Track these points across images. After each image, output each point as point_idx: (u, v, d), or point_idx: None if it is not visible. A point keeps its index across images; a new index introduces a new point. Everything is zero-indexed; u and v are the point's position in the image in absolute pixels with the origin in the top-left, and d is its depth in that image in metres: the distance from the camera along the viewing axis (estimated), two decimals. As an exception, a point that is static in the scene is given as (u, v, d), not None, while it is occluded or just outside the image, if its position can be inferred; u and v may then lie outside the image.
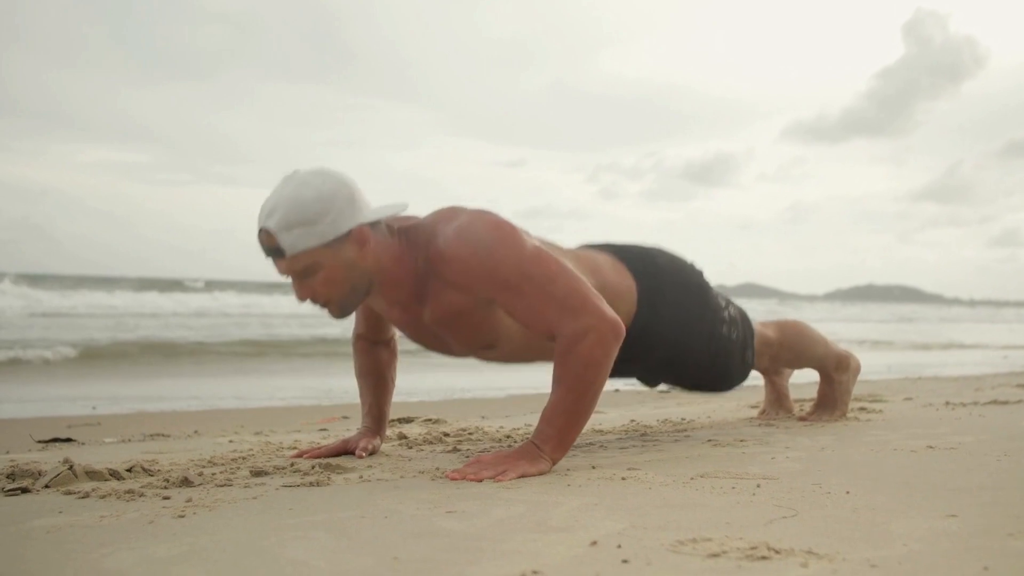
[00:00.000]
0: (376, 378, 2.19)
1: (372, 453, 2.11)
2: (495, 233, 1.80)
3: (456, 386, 5.28)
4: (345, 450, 2.08)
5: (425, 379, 5.51)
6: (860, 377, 2.80)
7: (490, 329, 1.92)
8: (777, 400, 2.86)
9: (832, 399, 2.70)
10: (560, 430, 1.78)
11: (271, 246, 1.76)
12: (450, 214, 1.87)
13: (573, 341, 1.75)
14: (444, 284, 1.84)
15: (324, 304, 1.84)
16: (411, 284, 1.87)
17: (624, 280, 2.12)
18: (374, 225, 1.82)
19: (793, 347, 2.58)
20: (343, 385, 5.09)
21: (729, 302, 2.38)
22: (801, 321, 2.70)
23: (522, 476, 1.71)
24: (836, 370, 2.69)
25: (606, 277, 2.07)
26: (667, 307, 2.16)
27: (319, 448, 2.07)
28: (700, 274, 2.32)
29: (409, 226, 1.88)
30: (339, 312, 1.87)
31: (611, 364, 1.79)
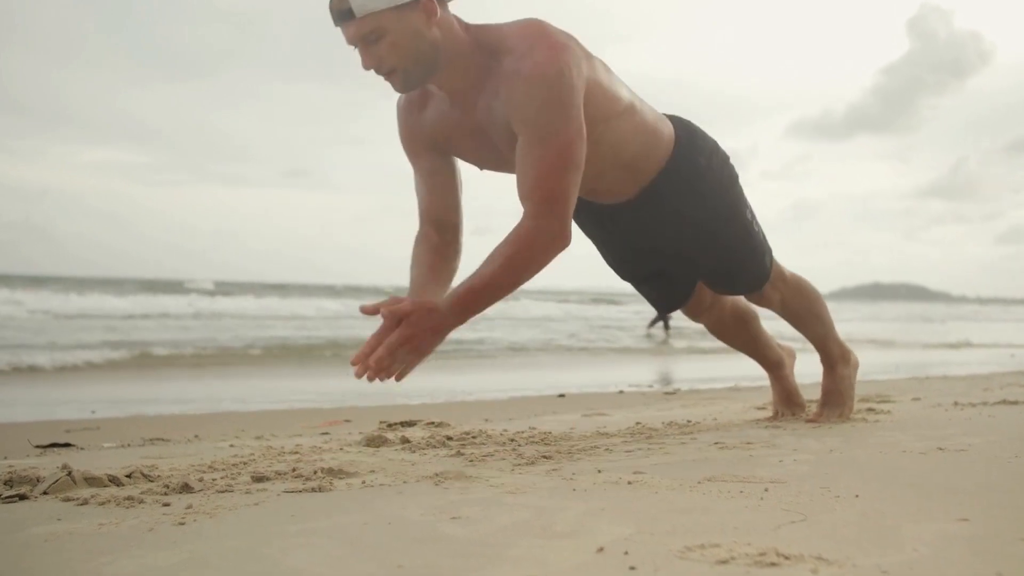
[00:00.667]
0: (433, 272, 2.12)
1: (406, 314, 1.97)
2: (559, 94, 1.86)
3: (459, 389, 5.28)
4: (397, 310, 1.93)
5: (428, 382, 5.51)
6: (868, 377, 2.80)
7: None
8: (786, 398, 2.84)
9: (838, 394, 2.69)
10: (474, 298, 1.89)
11: (342, 8, 1.83)
12: (531, 36, 1.91)
13: (531, 231, 1.89)
14: (496, 94, 1.93)
15: (389, 72, 1.90)
16: (470, 73, 1.95)
17: (665, 125, 2.24)
18: (442, 2, 1.91)
19: (804, 297, 2.61)
20: (345, 388, 5.09)
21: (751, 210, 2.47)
22: None
23: (424, 356, 1.86)
24: (841, 361, 2.69)
25: (651, 116, 2.20)
26: (702, 158, 2.28)
27: (375, 305, 1.93)
28: (728, 158, 2.40)
29: (481, 26, 1.97)
30: (402, 82, 1.93)
31: (541, 269, 1.94)
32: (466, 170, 2.21)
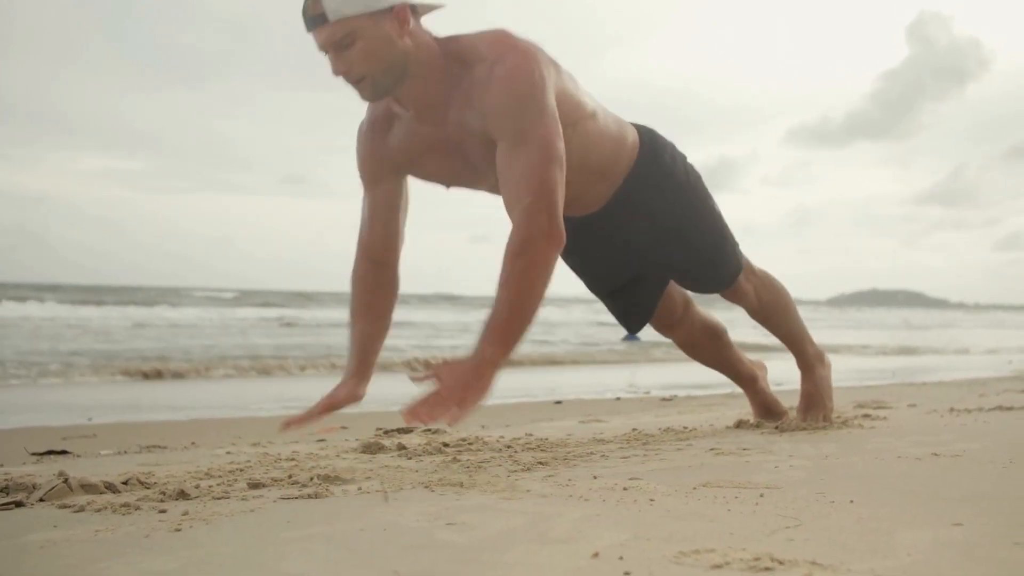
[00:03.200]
0: (373, 313, 2.15)
1: (357, 401, 2.08)
2: (533, 94, 1.88)
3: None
4: (332, 406, 2.04)
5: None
6: (864, 383, 2.81)
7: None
8: (766, 411, 2.82)
9: (818, 396, 2.70)
10: (507, 326, 1.84)
11: (315, 13, 1.83)
12: (499, 45, 1.92)
13: (527, 238, 1.84)
14: (468, 103, 1.93)
15: (358, 80, 1.90)
16: (441, 84, 1.95)
17: (629, 129, 2.27)
18: (414, 12, 1.92)
19: (775, 290, 2.63)
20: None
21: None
22: None
23: (473, 406, 1.78)
24: (817, 363, 2.71)
25: (615, 122, 2.23)
26: (666, 156, 2.31)
27: (304, 414, 2.01)
28: (686, 158, 2.42)
29: (450, 37, 1.97)
30: (371, 91, 1.93)
31: (552, 270, 1.89)
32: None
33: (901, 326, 26.59)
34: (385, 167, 2.11)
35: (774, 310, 2.66)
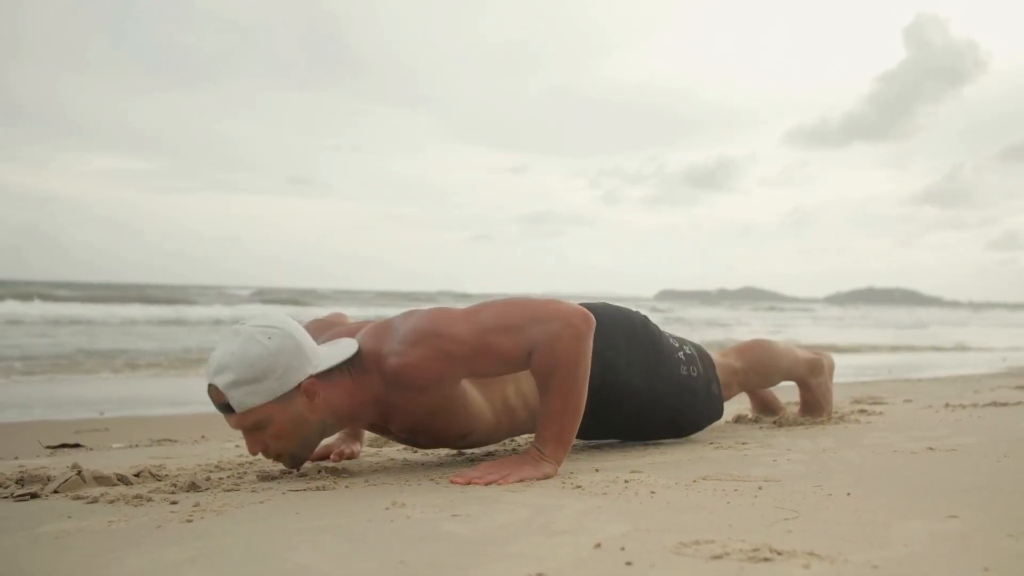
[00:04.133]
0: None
1: (350, 458, 2.13)
2: (431, 320, 1.81)
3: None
4: (324, 455, 2.12)
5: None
6: (860, 379, 2.82)
7: (464, 418, 1.91)
8: (764, 408, 2.88)
9: (815, 403, 2.73)
10: (557, 432, 1.80)
11: (220, 402, 1.75)
12: (382, 333, 1.84)
13: (549, 347, 1.77)
14: (412, 393, 1.82)
15: (276, 457, 1.83)
16: (372, 410, 1.87)
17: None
18: (325, 374, 1.80)
19: (760, 369, 2.59)
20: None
21: (683, 342, 2.37)
22: (763, 339, 2.71)
23: (524, 480, 1.73)
24: (810, 376, 2.71)
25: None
26: (621, 360, 2.16)
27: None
28: (645, 320, 2.29)
29: (354, 356, 1.84)
30: (292, 463, 1.85)
31: (590, 354, 1.81)
32: (464, 176, 2.24)
33: (897, 324, 26.59)
34: None
35: (761, 384, 2.67)
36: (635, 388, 2.17)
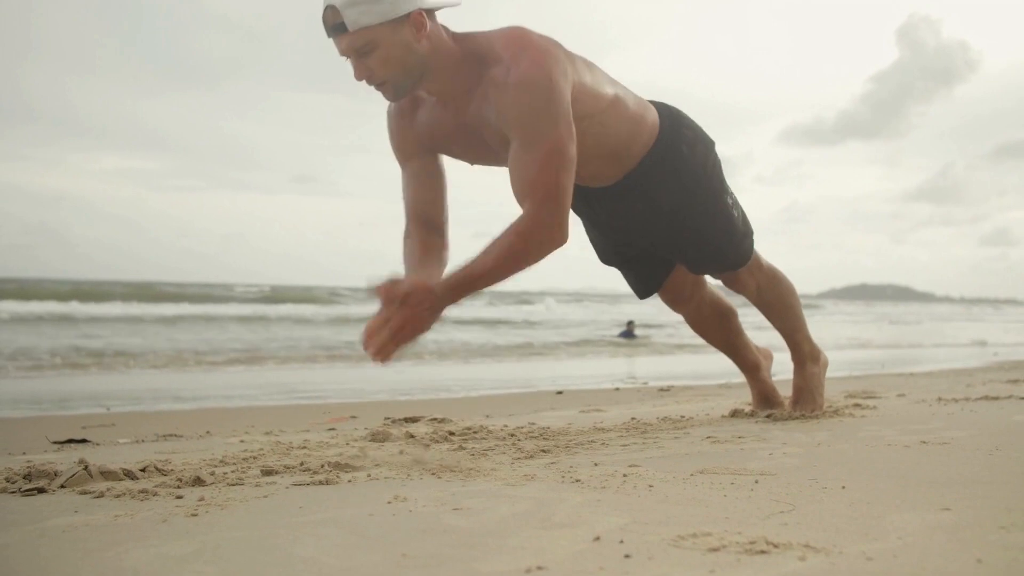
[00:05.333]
0: (422, 260, 2.13)
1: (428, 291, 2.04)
2: (547, 99, 1.92)
3: (460, 385, 5.32)
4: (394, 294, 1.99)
5: (430, 379, 5.55)
6: (854, 373, 2.85)
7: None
8: (764, 400, 2.89)
9: (808, 392, 2.75)
10: (466, 283, 1.93)
11: (335, 22, 1.88)
12: (516, 44, 1.96)
13: (529, 226, 1.93)
14: (485, 99, 1.98)
15: (380, 84, 1.96)
16: (460, 82, 2.01)
17: (650, 113, 2.31)
18: (431, 15, 1.95)
19: (779, 288, 2.67)
20: (351, 385, 5.11)
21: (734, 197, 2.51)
22: None
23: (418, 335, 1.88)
24: (810, 359, 2.75)
25: (635, 105, 2.26)
26: (684, 146, 2.32)
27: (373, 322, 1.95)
28: (714, 144, 2.44)
29: (468, 35, 2.02)
30: (393, 93, 1.99)
31: (536, 263, 1.96)
32: (465, 175, 2.26)
33: (890, 319, 26.64)
34: (415, 145, 2.19)
35: (773, 307, 2.71)
36: (685, 175, 2.34)
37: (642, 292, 2.66)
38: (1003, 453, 1.91)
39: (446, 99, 2.08)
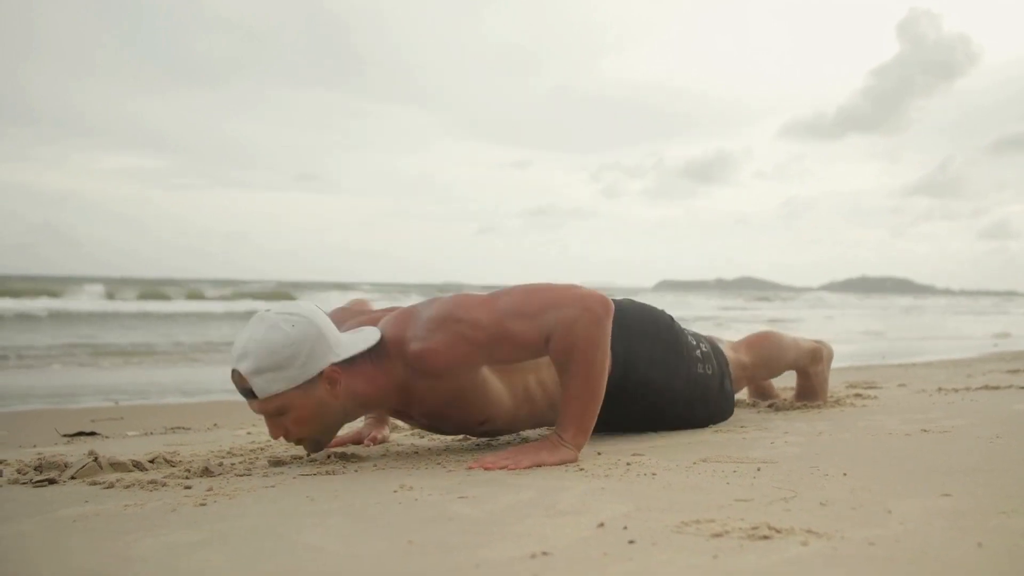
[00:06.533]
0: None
1: (381, 443, 2.16)
2: (452, 305, 1.82)
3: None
4: (357, 440, 2.15)
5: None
6: (855, 364, 2.85)
7: (484, 405, 1.92)
8: (760, 393, 2.93)
9: (811, 390, 2.77)
10: (578, 416, 1.81)
11: (243, 387, 1.78)
12: (405, 319, 1.86)
13: (567, 331, 1.77)
14: (432, 379, 1.83)
15: (297, 442, 1.85)
16: (394, 396, 1.88)
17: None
18: (349, 361, 1.81)
19: (767, 363, 2.63)
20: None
21: (699, 339, 2.39)
22: (769, 331, 2.74)
23: (540, 464, 1.74)
24: (811, 365, 2.75)
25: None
26: (642, 356, 2.19)
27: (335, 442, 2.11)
28: (670, 320, 2.32)
29: (378, 342, 1.85)
30: (313, 448, 1.88)
31: (608, 338, 1.81)
32: (469, 171, 2.27)
33: (890, 311, 26.63)
34: None
35: (767, 376, 2.71)
36: (655, 384, 2.20)
37: None
38: (1003, 441, 1.92)
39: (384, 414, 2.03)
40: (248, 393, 1.78)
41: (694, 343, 2.34)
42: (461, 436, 2.25)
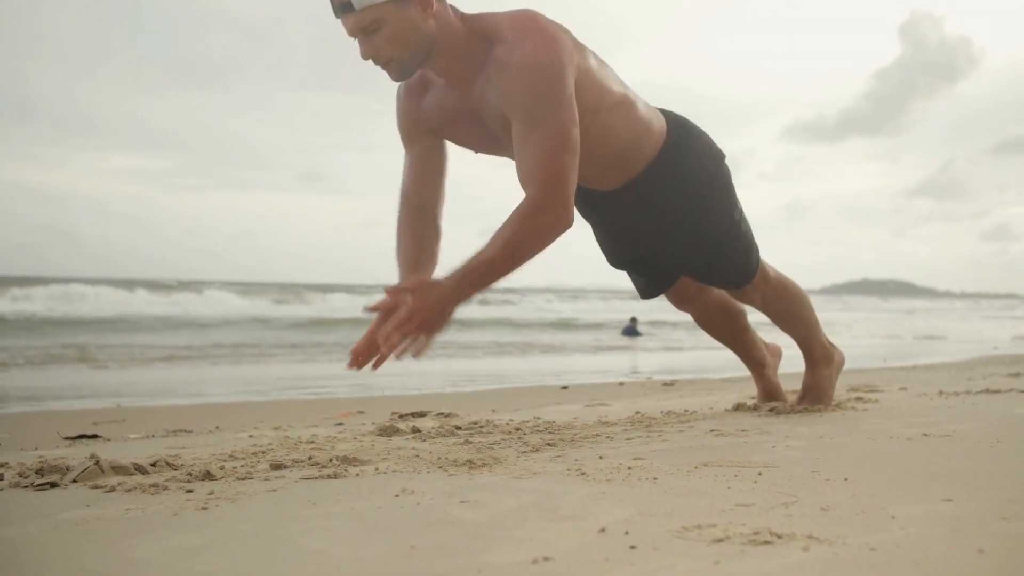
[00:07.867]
0: (418, 249, 2.16)
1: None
2: (550, 82, 1.91)
3: (466, 381, 5.33)
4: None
5: (436, 374, 5.57)
6: (856, 367, 2.85)
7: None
8: (768, 396, 2.90)
9: (818, 390, 2.75)
10: (473, 270, 1.91)
11: (342, 1, 1.89)
12: (522, 26, 1.96)
13: (534, 210, 1.91)
14: (489, 81, 1.98)
15: (386, 63, 1.97)
16: (465, 62, 2.01)
17: (658, 120, 2.29)
18: None
19: (787, 298, 2.66)
20: (359, 380, 5.13)
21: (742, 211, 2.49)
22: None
23: (423, 324, 1.87)
24: (822, 362, 2.74)
25: (644, 110, 2.24)
26: (691, 157, 2.32)
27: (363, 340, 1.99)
28: (724, 157, 2.43)
29: (476, 15, 2.03)
30: (398, 72, 2.00)
31: (543, 247, 1.96)
32: (469, 172, 2.27)
33: (891, 313, 26.63)
34: (420, 128, 2.19)
35: (782, 317, 2.70)
36: (690, 187, 2.33)
37: (647, 294, 2.64)
38: (1004, 445, 1.92)
39: (452, 80, 2.08)
40: (346, 7, 1.89)
41: (737, 200, 2.47)
42: (462, 441, 2.25)
